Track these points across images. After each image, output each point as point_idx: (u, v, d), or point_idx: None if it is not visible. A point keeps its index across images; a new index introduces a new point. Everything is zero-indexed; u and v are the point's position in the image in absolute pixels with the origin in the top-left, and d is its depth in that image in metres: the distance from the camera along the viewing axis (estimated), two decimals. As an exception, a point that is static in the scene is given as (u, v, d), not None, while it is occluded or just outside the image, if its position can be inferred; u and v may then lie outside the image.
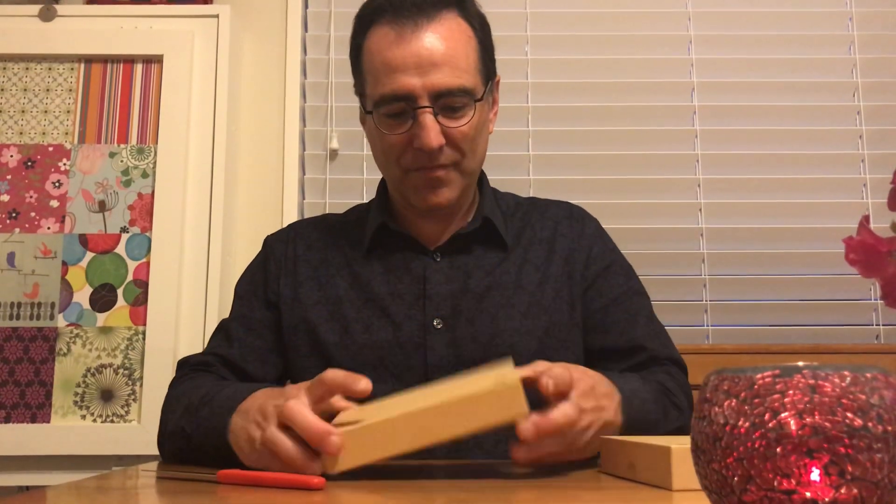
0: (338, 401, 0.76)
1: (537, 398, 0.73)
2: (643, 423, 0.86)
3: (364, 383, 0.71)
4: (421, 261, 1.03)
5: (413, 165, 0.97)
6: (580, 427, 0.74)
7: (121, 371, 1.51)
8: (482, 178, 1.10)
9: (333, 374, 0.72)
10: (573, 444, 0.75)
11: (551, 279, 1.03)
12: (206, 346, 1.09)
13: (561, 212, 1.11)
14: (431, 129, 0.93)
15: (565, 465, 0.78)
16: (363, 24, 0.99)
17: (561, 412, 0.72)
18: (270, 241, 1.11)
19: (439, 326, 0.99)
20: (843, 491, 0.36)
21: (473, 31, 0.99)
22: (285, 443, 0.70)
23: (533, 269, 1.03)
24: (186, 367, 1.02)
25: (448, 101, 0.94)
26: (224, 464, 0.79)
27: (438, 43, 0.94)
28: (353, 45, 1.02)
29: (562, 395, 0.74)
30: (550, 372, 0.73)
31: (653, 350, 1.01)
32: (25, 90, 1.63)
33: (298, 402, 0.71)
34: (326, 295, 1.03)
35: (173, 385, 0.99)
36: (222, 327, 1.06)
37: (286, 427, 0.71)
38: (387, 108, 0.95)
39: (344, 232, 1.09)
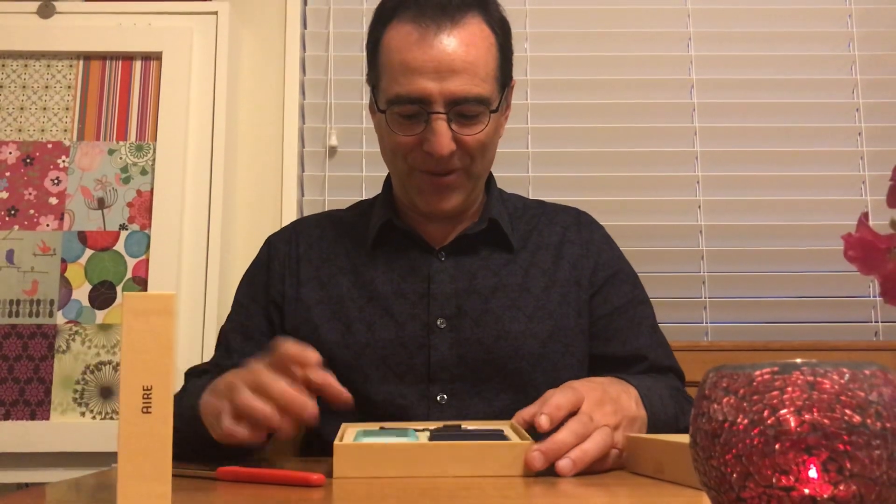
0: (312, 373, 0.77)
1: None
2: (664, 417, 0.86)
3: (313, 355, 0.73)
4: (426, 260, 1.02)
5: (420, 166, 0.97)
6: (605, 431, 0.74)
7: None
8: (489, 178, 1.09)
9: (287, 347, 0.74)
10: (610, 448, 0.74)
11: (558, 284, 1.03)
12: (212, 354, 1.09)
13: (569, 218, 1.11)
14: (443, 136, 0.93)
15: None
16: (384, 17, 0.98)
17: (567, 430, 0.72)
18: (273, 241, 1.10)
19: (443, 326, 0.98)
20: (841, 488, 0.36)
21: (495, 36, 0.98)
22: (259, 404, 0.72)
23: (540, 273, 1.03)
24: (191, 377, 1.03)
25: (463, 109, 0.93)
26: (217, 451, 0.79)
27: (459, 49, 0.92)
28: (372, 36, 1.00)
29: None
30: (549, 403, 0.73)
31: (654, 360, 1.01)
32: (24, 87, 1.63)
33: (271, 374, 0.73)
34: (329, 294, 1.02)
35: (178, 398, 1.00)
36: (222, 337, 1.07)
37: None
38: (400, 109, 0.94)
39: (347, 229, 1.09)
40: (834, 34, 1.79)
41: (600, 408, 0.77)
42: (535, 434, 0.73)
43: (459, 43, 0.93)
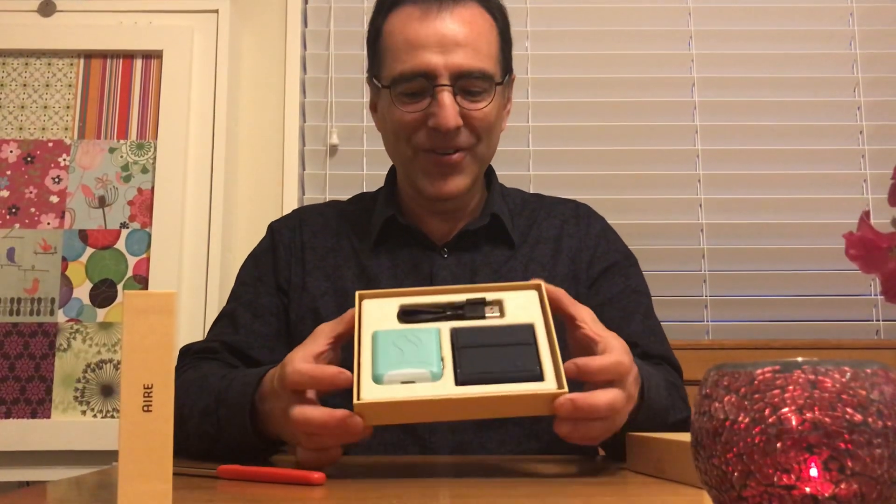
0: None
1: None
2: (658, 408, 0.82)
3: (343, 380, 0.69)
4: (428, 257, 1.02)
5: (425, 145, 0.96)
6: (616, 422, 0.71)
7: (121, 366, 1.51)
8: (491, 174, 1.09)
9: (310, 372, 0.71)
10: (613, 425, 0.71)
11: (557, 279, 1.02)
12: (208, 333, 1.06)
13: (568, 211, 1.10)
14: (450, 109, 0.92)
15: (591, 461, 0.78)
16: (384, 6, 0.99)
17: (609, 404, 0.68)
18: (277, 227, 1.09)
19: None
20: (842, 486, 0.36)
21: (495, 21, 1.00)
22: (323, 455, 0.70)
23: (539, 268, 1.03)
24: (189, 355, 0.99)
25: (468, 84, 0.94)
26: (252, 456, 0.78)
27: (462, 25, 0.94)
28: (373, 26, 1.01)
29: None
30: (591, 367, 0.69)
31: (645, 347, 0.98)
32: (25, 86, 1.63)
33: (302, 408, 0.69)
34: (334, 286, 1.01)
35: (176, 377, 0.97)
36: (226, 314, 1.04)
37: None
38: (405, 86, 0.94)
39: (351, 221, 1.08)
40: (835, 32, 1.79)
41: (633, 387, 0.74)
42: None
43: (462, 20, 0.95)
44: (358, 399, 0.65)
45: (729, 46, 1.78)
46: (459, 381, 0.66)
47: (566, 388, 0.66)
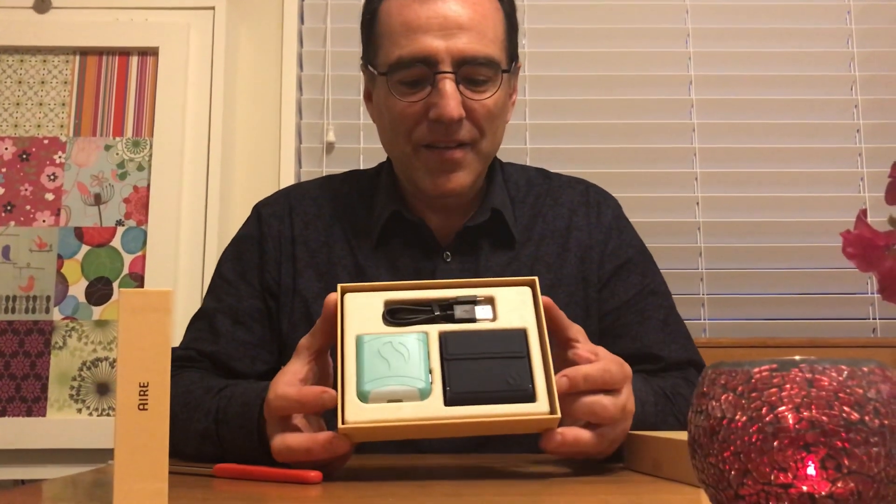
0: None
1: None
2: (642, 426, 0.79)
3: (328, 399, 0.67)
4: (430, 262, 0.96)
5: (426, 140, 0.89)
6: (622, 427, 0.70)
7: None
8: (493, 163, 1.00)
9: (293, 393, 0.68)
10: (613, 442, 0.70)
11: (565, 281, 0.96)
12: (185, 333, 1.00)
13: (576, 196, 1.02)
14: (452, 98, 0.85)
15: (589, 461, 0.77)
16: None
17: (608, 417, 0.67)
18: (265, 216, 1.00)
19: None
20: (839, 485, 0.36)
21: (501, 3, 0.93)
22: (296, 440, 0.68)
23: (545, 269, 0.96)
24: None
25: (471, 71, 0.87)
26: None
27: (466, 7, 0.87)
28: (368, 7, 0.95)
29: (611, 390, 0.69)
30: (577, 375, 0.67)
31: (669, 357, 0.94)
32: (20, 82, 1.62)
33: (283, 437, 0.68)
34: (327, 287, 0.93)
35: None
36: (206, 314, 0.98)
37: (288, 424, 0.69)
38: (403, 74, 0.87)
39: (346, 210, 1.00)
40: (832, 31, 1.79)
41: (630, 401, 0.72)
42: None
43: (466, 1, 0.88)
44: (343, 423, 0.63)
45: (726, 44, 1.78)
46: (448, 401, 0.64)
47: (558, 413, 0.64)
